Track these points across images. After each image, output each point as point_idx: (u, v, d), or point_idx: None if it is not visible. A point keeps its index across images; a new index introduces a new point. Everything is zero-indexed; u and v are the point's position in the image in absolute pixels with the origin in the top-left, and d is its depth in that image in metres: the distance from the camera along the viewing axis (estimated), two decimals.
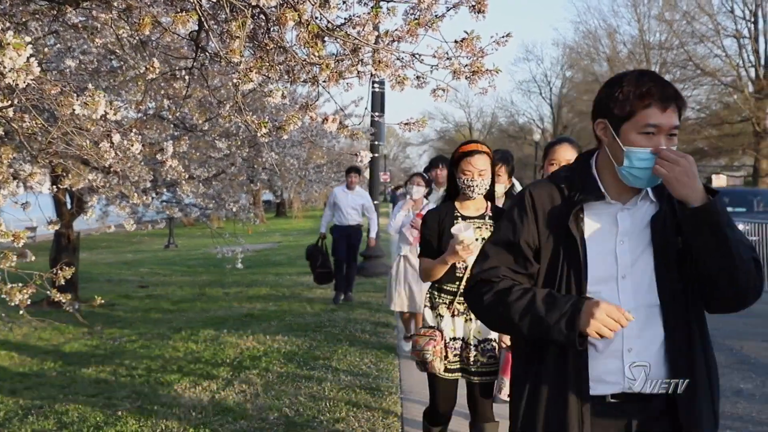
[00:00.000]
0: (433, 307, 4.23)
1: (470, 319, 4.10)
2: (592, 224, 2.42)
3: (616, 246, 2.41)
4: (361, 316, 10.28)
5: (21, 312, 3.64)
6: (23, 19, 4.01)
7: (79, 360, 8.02)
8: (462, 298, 4.03)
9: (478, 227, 4.16)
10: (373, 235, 12.49)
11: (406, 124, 2.94)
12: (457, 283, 4.16)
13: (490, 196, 4.30)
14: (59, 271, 3.69)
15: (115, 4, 3.31)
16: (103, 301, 4.85)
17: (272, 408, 6.06)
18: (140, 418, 5.86)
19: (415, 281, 7.77)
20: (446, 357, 4.09)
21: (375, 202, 14.77)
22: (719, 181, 52.34)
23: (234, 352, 8.24)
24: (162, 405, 6.21)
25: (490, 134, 72.17)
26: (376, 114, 12.98)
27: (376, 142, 14.37)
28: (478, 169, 4.11)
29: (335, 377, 7.03)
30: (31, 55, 2.30)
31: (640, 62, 50.17)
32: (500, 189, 6.52)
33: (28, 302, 3.45)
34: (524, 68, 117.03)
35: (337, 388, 6.65)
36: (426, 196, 7.98)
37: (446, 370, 4.10)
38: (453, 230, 3.93)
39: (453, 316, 4.15)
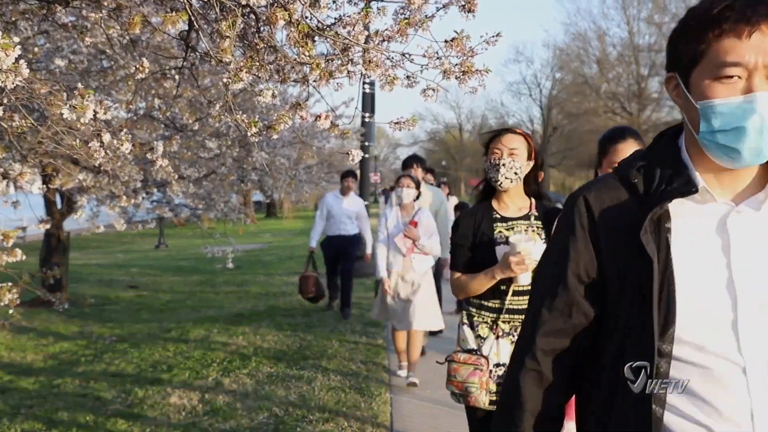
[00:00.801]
0: (472, 327, 3.58)
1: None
2: (685, 236, 1.58)
3: (731, 271, 1.54)
4: (351, 316, 10.28)
5: (11, 312, 3.64)
6: (12, 19, 4.00)
7: (69, 359, 8.00)
8: (507, 316, 3.48)
9: (525, 230, 3.52)
10: (369, 250, 10.43)
11: (396, 123, 2.95)
12: (502, 298, 3.49)
13: (535, 192, 3.64)
14: (49, 271, 3.68)
15: (105, 3, 3.31)
16: (93, 301, 4.84)
17: (262, 408, 6.06)
18: (130, 418, 5.86)
19: (416, 298, 6.95)
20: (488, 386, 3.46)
21: (365, 203, 14.76)
22: None
23: (224, 352, 8.23)
24: (152, 405, 6.20)
25: (479, 135, 72.13)
26: (367, 114, 12.98)
27: (367, 143, 14.38)
28: (509, 147, 3.48)
29: (325, 377, 7.03)
30: (20, 56, 2.30)
31: (629, 64, 50.40)
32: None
33: (18, 302, 3.44)
34: (514, 69, 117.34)
35: (327, 388, 6.66)
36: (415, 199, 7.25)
37: (490, 402, 3.45)
38: (512, 239, 3.34)
39: (497, 337, 3.50)
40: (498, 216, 3.57)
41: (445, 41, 2.69)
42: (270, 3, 2.57)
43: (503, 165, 3.45)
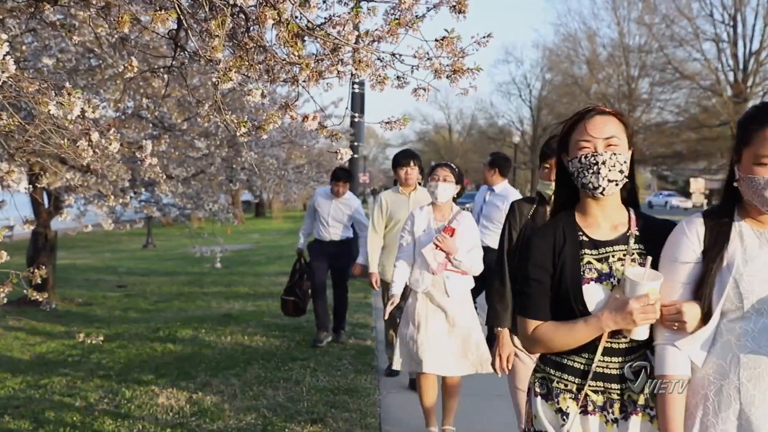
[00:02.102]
0: (549, 396, 2.52)
1: (613, 421, 2.42)
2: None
3: None
4: None
5: None
6: (0, 17, 3.98)
7: (56, 359, 7.96)
8: (599, 383, 2.43)
9: (620, 259, 2.46)
10: (360, 260, 8.37)
11: (387, 122, 2.94)
12: (591, 354, 2.44)
13: (632, 198, 2.60)
14: (36, 271, 3.66)
15: (94, 1, 3.29)
16: (80, 301, 4.82)
17: (250, 409, 6.04)
18: (117, 419, 5.83)
19: (453, 332, 5.39)
20: None
21: None
22: (697, 184, 52.92)
23: (212, 352, 8.20)
24: (139, 405, 6.17)
25: (469, 136, 72.49)
26: (356, 114, 12.97)
27: (356, 143, 14.37)
28: (604, 136, 2.43)
29: (313, 378, 7.01)
30: (7, 53, 2.28)
31: (619, 65, 50.55)
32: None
33: (5, 301, 3.41)
34: (504, 70, 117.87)
35: (316, 389, 6.64)
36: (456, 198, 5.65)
37: None
38: (630, 275, 2.35)
39: (585, 413, 2.45)
40: (586, 239, 2.50)
41: (436, 41, 2.69)
42: (259, 2, 2.55)
43: (603, 163, 2.41)
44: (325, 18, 2.75)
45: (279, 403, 6.22)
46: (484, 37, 2.68)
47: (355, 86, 12.46)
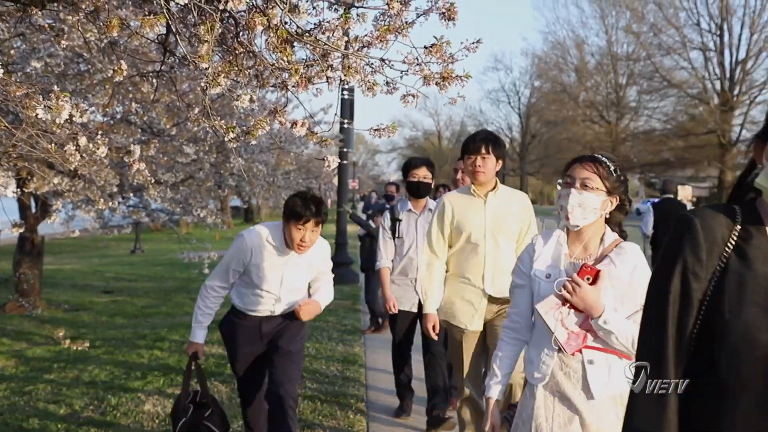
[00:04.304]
0: None
1: None
2: None
3: None
4: (328, 324, 10.24)
5: None
6: None
7: (41, 366, 7.90)
8: None
9: None
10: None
11: (376, 130, 2.94)
12: None
13: None
14: (22, 276, 3.63)
15: (83, 6, 3.27)
16: (67, 306, 4.79)
17: (237, 416, 6.01)
18: (102, 426, 5.79)
19: None
20: None
21: (340, 209, 14.75)
22: (685, 191, 53.16)
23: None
24: (125, 412, 6.13)
25: (459, 142, 72.57)
26: (345, 121, 12.97)
27: (345, 149, 14.37)
28: None
29: (301, 385, 6.99)
30: None
31: (607, 73, 50.82)
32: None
33: None
34: (493, 77, 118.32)
35: (303, 396, 6.62)
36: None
37: None
38: None
39: None
40: None
41: (425, 47, 2.69)
42: (249, 8, 2.55)
43: None
44: (314, 24, 2.75)
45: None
46: (473, 43, 2.69)
47: (345, 92, 12.48)
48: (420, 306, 5.40)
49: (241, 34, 2.80)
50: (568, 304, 2.90)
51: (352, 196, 36.78)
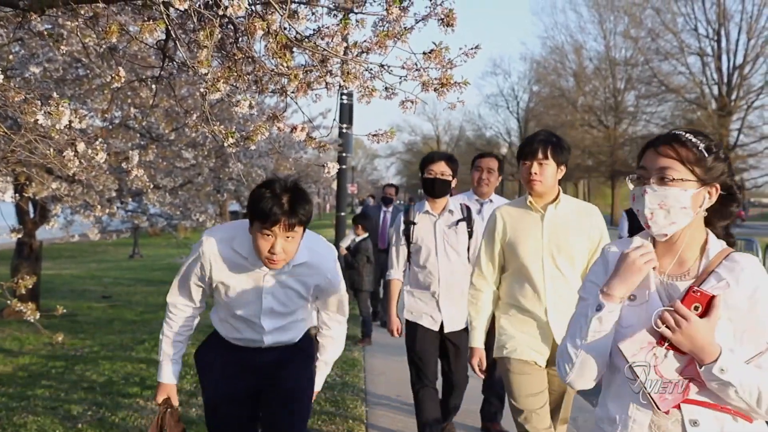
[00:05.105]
0: None
1: None
2: None
3: None
4: None
5: None
6: None
7: (40, 371, 7.89)
8: None
9: None
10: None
11: (374, 135, 2.94)
12: None
13: None
14: (20, 281, 3.63)
15: (82, 11, 3.27)
16: (65, 311, 4.79)
17: None
18: (101, 431, 5.78)
19: None
20: None
21: (341, 213, 14.67)
22: None
23: None
24: (123, 418, 6.12)
25: (457, 147, 72.71)
26: (344, 125, 12.97)
27: (344, 154, 14.36)
28: None
29: None
30: None
31: (605, 78, 50.90)
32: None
33: None
34: (492, 82, 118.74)
35: None
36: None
37: None
38: None
39: None
40: None
41: (424, 53, 2.69)
42: (248, 13, 2.55)
43: None
44: (313, 29, 2.76)
45: None
46: (472, 49, 2.69)
47: (344, 97, 12.48)
48: (442, 324, 5.09)
49: (240, 39, 2.80)
50: (667, 344, 2.05)
51: (351, 200, 36.77)
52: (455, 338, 5.12)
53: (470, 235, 5.11)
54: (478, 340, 4.13)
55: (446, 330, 5.09)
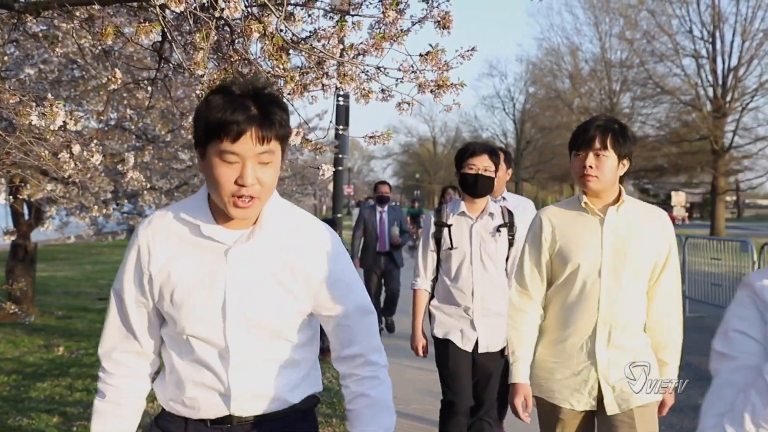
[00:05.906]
0: None
1: None
2: None
3: None
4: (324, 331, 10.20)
5: None
6: None
7: (35, 373, 7.86)
8: None
9: None
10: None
11: (371, 137, 2.93)
12: None
13: None
14: (15, 283, 3.62)
15: (77, 13, 3.27)
16: (60, 314, 4.77)
17: None
18: None
19: None
20: None
21: (338, 215, 14.61)
22: (678, 197, 53.43)
23: None
24: None
25: (454, 148, 72.72)
26: (341, 127, 12.96)
27: (340, 155, 14.35)
28: None
29: None
30: None
31: (601, 79, 50.95)
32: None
33: None
34: (488, 84, 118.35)
35: None
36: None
37: None
38: None
39: None
40: None
41: (420, 55, 2.69)
42: (244, 15, 2.55)
43: None
44: (310, 31, 2.75)
45: None
46: (468, 50, 2.69)
47: (340, 99, 12.47)
48: (477, 343, 4.37)
49: (236, 41, 2.79)
50: None
51: (347, 202, 36.77)
52: (489, 361, 4.42)
53: (510, 244, 4.43)
54: (522, 374, 3.24)
55: (480, 350, 4.36)
